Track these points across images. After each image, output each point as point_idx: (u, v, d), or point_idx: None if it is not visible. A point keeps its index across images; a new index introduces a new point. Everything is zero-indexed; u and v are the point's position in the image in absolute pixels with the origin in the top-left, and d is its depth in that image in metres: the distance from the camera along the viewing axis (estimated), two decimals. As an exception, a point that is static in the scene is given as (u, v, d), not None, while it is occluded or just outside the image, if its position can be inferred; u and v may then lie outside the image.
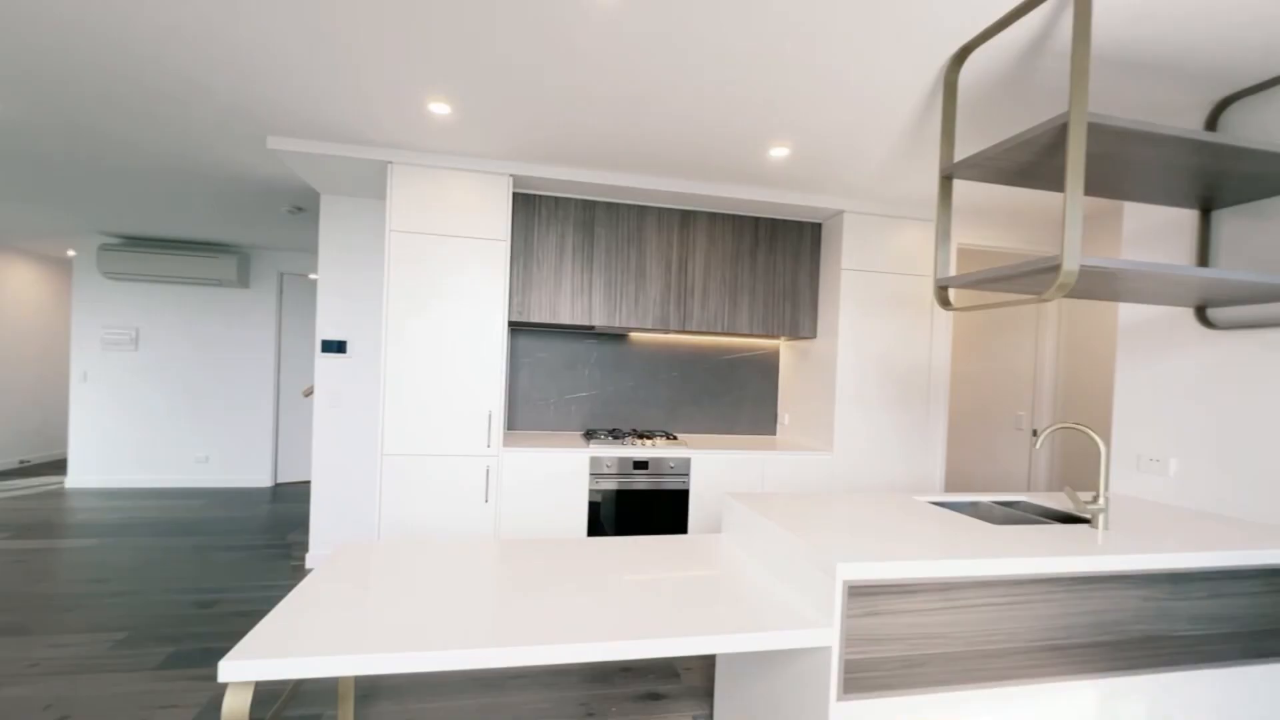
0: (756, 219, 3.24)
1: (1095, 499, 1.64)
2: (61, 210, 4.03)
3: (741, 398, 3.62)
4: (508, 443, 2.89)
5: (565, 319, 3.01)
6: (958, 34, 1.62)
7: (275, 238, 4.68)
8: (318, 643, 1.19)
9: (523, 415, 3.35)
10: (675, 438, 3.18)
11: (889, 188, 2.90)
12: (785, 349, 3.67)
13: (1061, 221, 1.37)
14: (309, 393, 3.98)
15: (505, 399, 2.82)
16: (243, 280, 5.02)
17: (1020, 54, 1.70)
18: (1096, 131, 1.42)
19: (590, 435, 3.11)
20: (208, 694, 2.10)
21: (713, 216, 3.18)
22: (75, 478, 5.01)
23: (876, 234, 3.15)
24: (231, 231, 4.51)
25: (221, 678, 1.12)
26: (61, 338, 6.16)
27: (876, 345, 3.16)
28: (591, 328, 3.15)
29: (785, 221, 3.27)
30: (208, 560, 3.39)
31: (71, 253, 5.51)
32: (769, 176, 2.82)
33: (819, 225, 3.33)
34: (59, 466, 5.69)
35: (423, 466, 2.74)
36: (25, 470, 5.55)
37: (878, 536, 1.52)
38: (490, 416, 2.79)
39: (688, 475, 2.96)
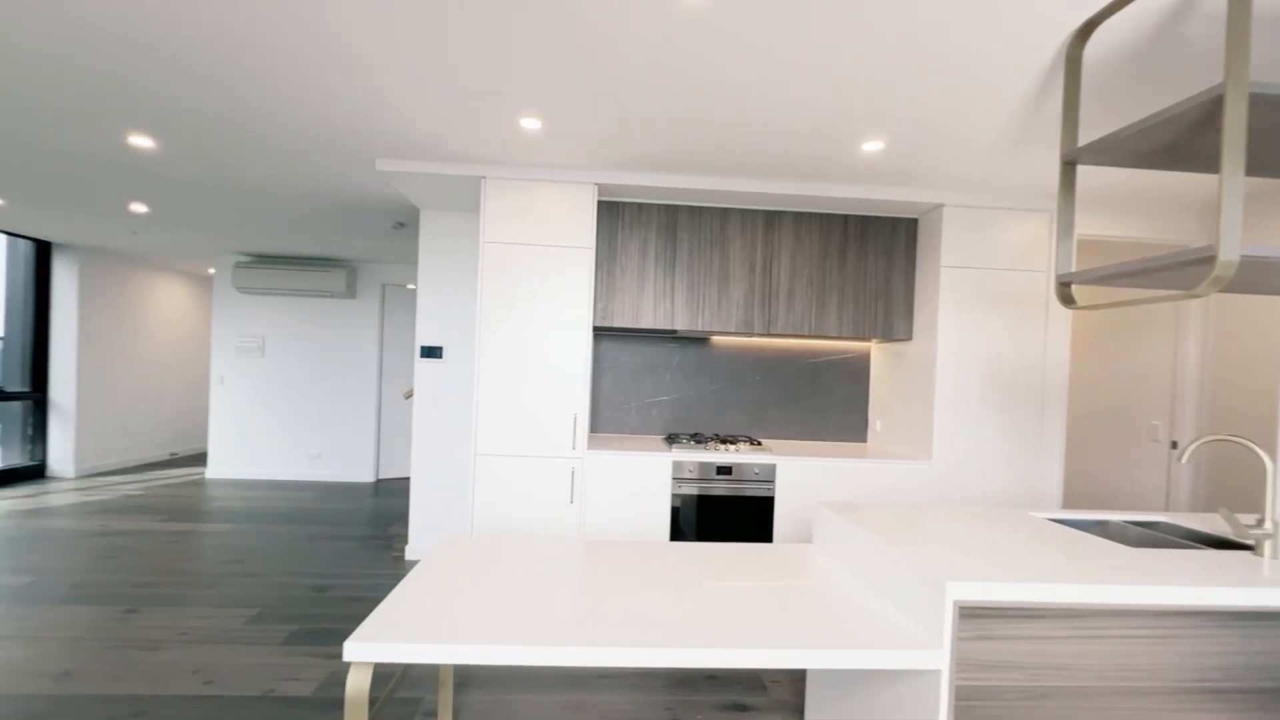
0: (845, 217, 3.11)
1: (1260, 522, 1.43)
2: (206, 233, 4.58)
3: (829, 403, 3.49)
4: (591, 445, 2.95)
5: (648, 323, 3.04)
6: (1085, 4, 1.48)
7: (379, 252, 5.08)
8: (425, 630, 1.26)
9: (605, 418, 3.41)
10: (759, 443, 3.11)
11: (995, 178, 2.70)
12: (877, 352, 3.49)
13: (1217, 206, 1.21)
14: (409, 395, 4.27)
15: (589, 402, 2.88)
16: (350, 291, 5.48)
17: (1160, 21, 1.52)
18: (1259, 103, 1.24)
19: (672, 439, 3.11)
20: (324, 670, 2.29)
21: (799, 216, 3.09)
22: (213, 469, 5.66)
23: (980, 228, 2.93)
24: (342, 247, 4.94)
25: (346, 657, 1.21)
26: (203, 345, 6.99)
27: (981, 347, 2.94)
28: (673, 332, 3.15)
29: (877, 218, 3.12)
30: (321, 548, 3.70)
31: (211, 270, 6.26)
32: (860, 172, 2.70)
33: (914, 221, 3.15)
34: (200, 459, 6.45)
35: (512, 466, 2.85)
36: (174, 462, 6.33)
37: (990, 554, 1.40)
38: (575, 419, 2.86)
39: (772, 482, 2.88)
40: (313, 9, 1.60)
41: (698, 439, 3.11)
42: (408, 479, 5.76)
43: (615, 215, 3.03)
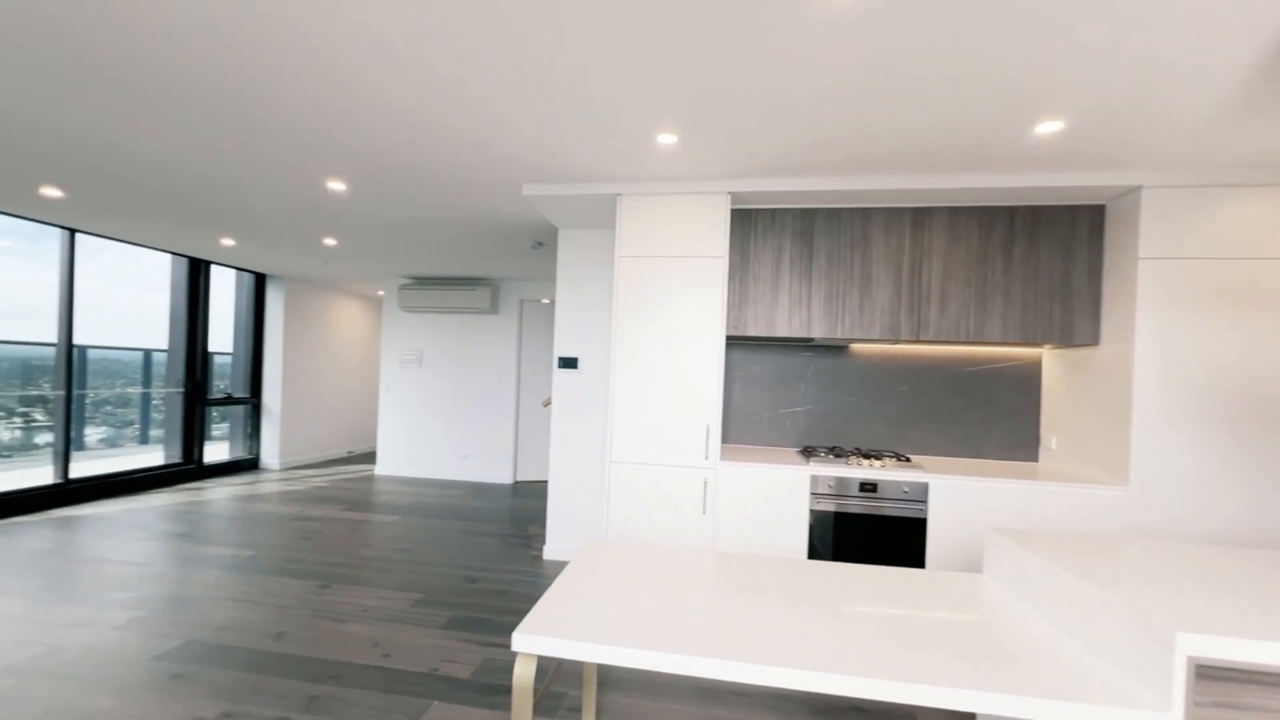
0: (1011, 209, 2.79)
1: None
2: (379, 260, 5.26)
3: (990, 416, 3.12)
4: (724, 456, 2.91)
5: (782, 332, 2.94)
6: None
7: (518, 270, 5.48)
8: (578, 629, 1.30)
9: (736, 428, 3.35)
10: (907, 459, 2.86)
11: (1214, 149, 2.26)
12: (1051, 359, 3.07)
13: None
14: (548, 403, 4.53)
15: (721, 412, 2.84)
16: (493, 307, 5.97)
17: None
18: None
19: (809, 452, 2.97)
20: (479, 656, 2.47)
21: (953, 212, 2.82)
22: (381, 467, 6.43)
23: (1192, 210, 2.47)
24: (486, 267, 5.41)
25: (514, 647, 1.29)
26: (373, 358, 8.01)
27: (1196, 351, 2.46)
28: (809, 340, 3.03)
29: (1051, 208, 2.76)
30: (470, 542, 4.03)
31: (381, 292, 7.16)
32: (1031, 158, 2.41)
33: (1100, 208, 2.74)
34: (370, 457, 7.36)
35: (646, 474, 2.90)
36: (350, 459, 7.29)
37: (1234, 601, 1.15)
38: (708, 429, 2.84)
39: (924, 503, 2.64)
40: (480, 72, 1.77)
41: (836, 452, 2.94)
42: (543, 482, 6.11)
43: (748, 223, 2.99)
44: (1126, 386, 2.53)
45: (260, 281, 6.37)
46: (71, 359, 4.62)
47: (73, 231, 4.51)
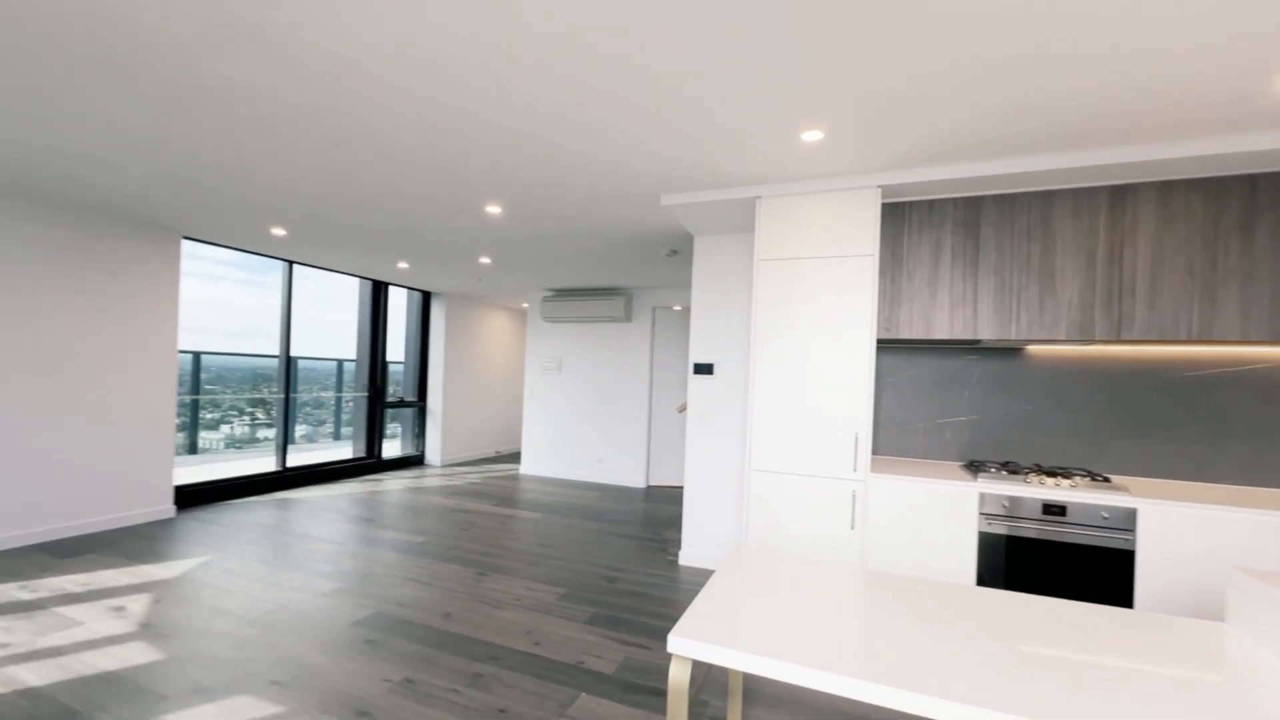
0: (1251, 178, 2.28)
1: None
2: (525, 275, 5.69)
3: (1223, 431, 2.55)
4: (874, 467, 2.70)
5: (942, 333, 2.67)
6: None
7: (652, 278, 5.62)
8: (729, 637, 1.27)
9: (886, 439, 3.10)
10: (1105, 479, 2.44)
11: None
12: (1308, 363, 2.45)
13: None
14: (682, 409, 4.56)
15: (871, 421, 2.64)
16: (627, 315, 6.17)
17: None
18: None
19: (976, 467, 2.66)
20: (621, 654, 2.52)
21: (1165, 186, 2.37)
22: (525, 466, 6.91)
23: None
24: (621, 277, 5.61)
25: (670, 649, 1.29)
26: (518, 365, 8.66)
27: None
28: (975, 342, 2.71)
29: (1306, 174, 2.21)
30: (606, 542, 4.16)
31: (525, 304, 7.74)
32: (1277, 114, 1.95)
33: (1385, 169, 2.14)
34: (515, 457, 7.95)
35: (787, 484, 2.78)
36: (498, 459, 7.93)
37: None
38: (856, 439, 2.66)
39: (1130, 531, 2.23)
40: (631, 89, 1.83)
41: (1010, 468, 2.60)
42: (674, 487, 6.16)
43: (900, 217, 2.77)
44: None
45: (426, 299, 7.20)
46: (289, 368, 5.58)
47: (291, 263, 5.45)
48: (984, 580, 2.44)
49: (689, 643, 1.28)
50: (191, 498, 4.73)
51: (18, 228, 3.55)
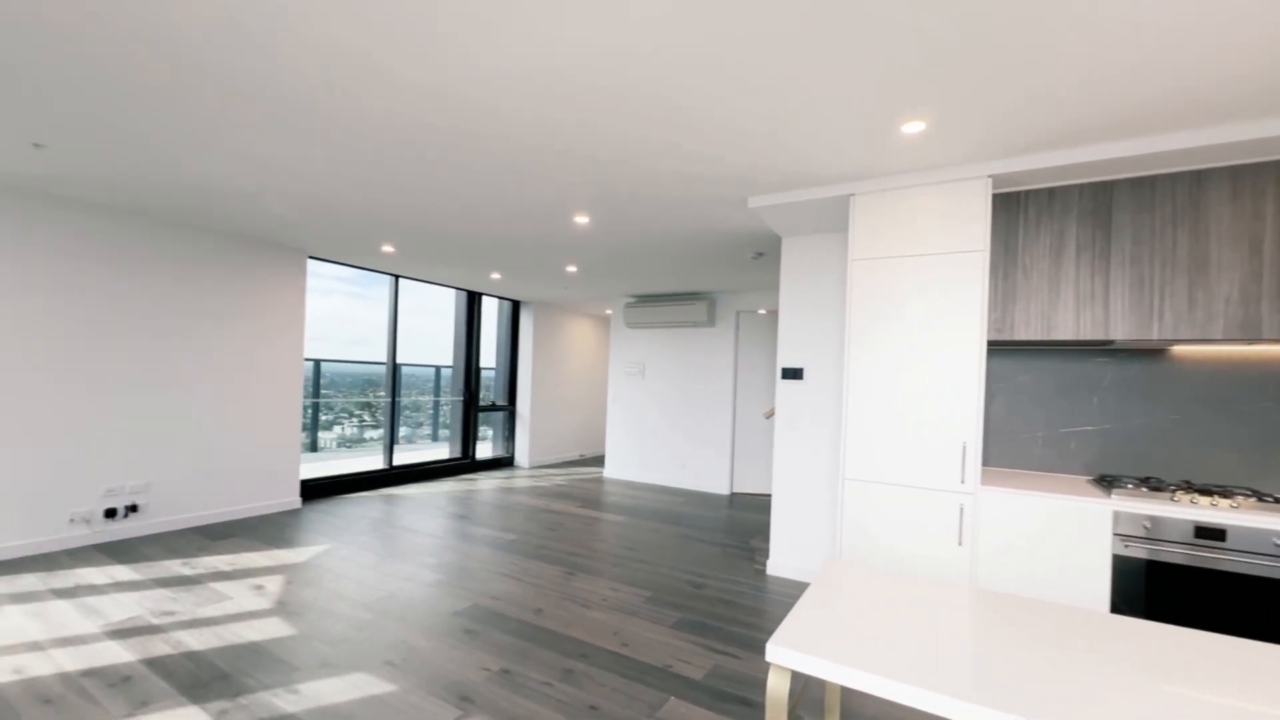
0: None
1: None
2: (610, 282, 5.81)
3: None
4: (985, 480, 2.50)
5: (1066, 334, 2.43)
6: None
7: (735, 282, 5.55)
8: (833, 651, 1.21)
9: (997, 449, 2.86)
10: (1278, 500, 2.10)
11: None
12: None
13: None
14: (770, 415, 4.45)
15: (981, 430, 2.45)
16: (710, 320, 6.13)
17: None
18: None
19: (1108, 483, 2.38)
20: (709, 660, 2.49)
21: (1351, 159, 2.03)
22: (609, 470, 7.03)
23: None
24: (704, 281, 5.58)
25: (769, 658, 1.26)
26: (601, 371, 8.85)
27: None
28: (1107, 343, 2.44)
29: None
30: (691, 548, 4.13)
31: (608, 311, 7.90)
32: None
33: None
34: (599, 461, 8.10)
35: (884, 495, 2.64)
36: (581, 461, 8.12)
37: None
38: (964, 449, 2.47)
39: (1313, 564, 1.90)
40: (724, 119, 1.83)
41: (1152, 485, 2.31)
42: (759, 495, 6.02)
43: (1014, 208, 2.55)
44: None
45: (516, 308, 7.55)
46: (395, 374, 6.03)
47: (397, 277, 5.91)
48: (1118, 608, 2.18)
49: (789, 652, 1.24)
50: (313, 491, 5.23)
51: (172, 251, 4.11)
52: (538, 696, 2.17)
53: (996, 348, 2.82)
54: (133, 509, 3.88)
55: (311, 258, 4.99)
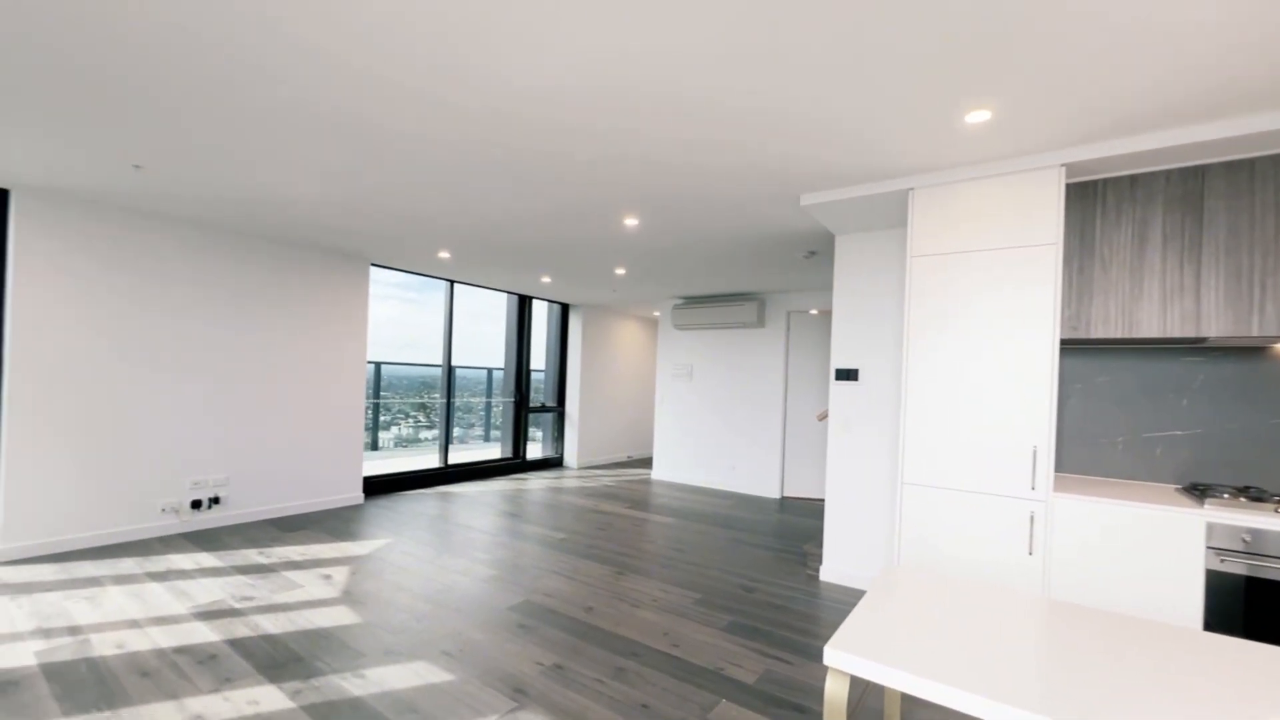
0: None
1: None
2: (657, 284, 5.83)
3: None
4: (1058, 486, 2.36)
5: (1151, 331, 2.26)
6: None
7: (786, 282, 5.45)
8: (895, 657, 1.17)
9: (1072, 454, 2.69)
10: (1405, 517, 1.89)
11: None
12: None
13: None
14: (823, 417, 4.35)
15: (1053, 434, 2.31)
16: (760, 321, 6.05)
17: None
18: None
19: (1200, 492, 2.20)
20: (761, 664, 2.45)
21: None
22: (657, 471, 7.03)
23: None
24: (754, 282, 5.51)
25: (827, 661, 1.23)
26: (649, 373, 8.87)
27: None
28: (1199, 341, 2.26)
29: None
30: (741, 552, 4.08)
31: (656, 313, 7.92)
32: None
33: None
34: (646, 463, 8.12)
35: (946, 500, 2.53)
36: (630, 463, 8.16)
37: None
38: (1035, 453, 2.34)
39: None
40: (777, 117, 1.81)
41: (1253, 495, 2.12)
42: (811, 499, 5.88)
43: (1090, 197, 2.40)
44: None
45: (565, 311, 7.67)
46: (449, 376, 6.24)
47: (452, 282, 6.12)
48: (1211, 628, 2.01)
49: (848, 657, 1.21)
50: (375, 487, 5.47)
51: (249, 261, 4.39)
52: (589, 693, 2.19)
53: (1070, 346, 2.66)
54: (215, 501, 4.17)
55: (374, 265, 5.23)
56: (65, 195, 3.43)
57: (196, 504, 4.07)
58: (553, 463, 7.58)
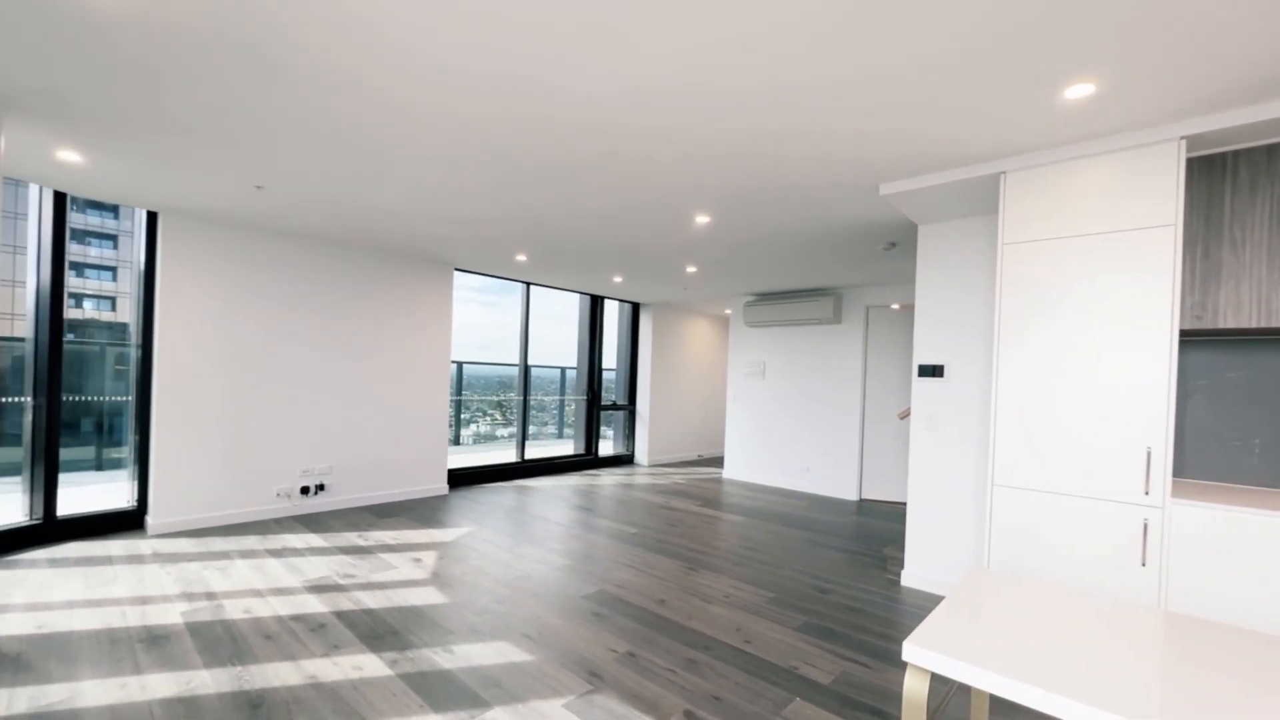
0: None
1: None
2: (729, 281, 5.79)
3: None
4: (1176, 492, 2.13)
5: (1292, 319, 2.00)
6: None
7: (864, 276, 5.25)
8: (981, 657, 1.12)
9: (1195, 458, 2.42)
10: None
11: None
12: None
13: None
14: (905, 415, 4.16)
15: (1171, 434, 2.10)
16: (836, 317, 5.86)
17: None
18: None
19: (1358, 503, 1.92)
20: (837, 666, 2.39)
21: None
22: (728, 470, 6.97)
23: None
24: (830, 277, 5.35)
25: (906, 657, 1.20)
26: (721, 371, 8.81)
27: None
28: (1354, 329, 1.98)
29: None
30: (816, 553, 3.97)
31: (728, 311, 7.85)
32: None
33: None
34: (717, 461, 8.07)
35: (1042, 504, 2.35)
36: (700, 462, 8.14)
37: None
38: (1149, 455, 2.13)
39: None
40: (856, 102, 1.76)
41: None
42: (891, 503, 5.63)
43: (1216, 172, 2.16)
44: None
45: (635, 310, 7.77)
46: (526, 375, 6.51)
47: (528, 284, 6.37)
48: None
49: (929, 654, 1.17)
50: (458, 479, 5.80)
51: (349, 269, 4.79)
52: (661, 681, 2.23)
53: (1192, 338, 2.39)
54: (321, 488, 4.59)
55: (457, 270, 5.55)
56: (199, 215, 3.89)
57: (305, 490, 4.50)
58: (624, 460, 7.71)
